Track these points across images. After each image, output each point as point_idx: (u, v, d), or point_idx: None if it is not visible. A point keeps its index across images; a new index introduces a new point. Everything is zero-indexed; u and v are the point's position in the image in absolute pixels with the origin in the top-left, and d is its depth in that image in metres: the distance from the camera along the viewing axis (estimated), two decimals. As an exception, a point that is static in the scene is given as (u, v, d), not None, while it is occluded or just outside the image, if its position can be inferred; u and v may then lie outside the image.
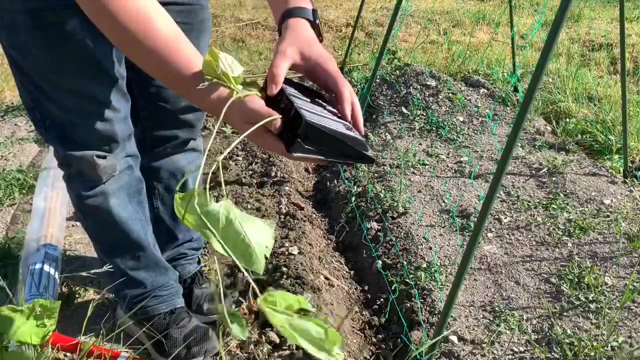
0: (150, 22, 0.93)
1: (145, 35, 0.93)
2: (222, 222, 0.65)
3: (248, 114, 0.89)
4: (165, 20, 0.95)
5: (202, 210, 0.65)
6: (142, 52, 0.95)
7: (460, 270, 1.39)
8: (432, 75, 3.70)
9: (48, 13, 1.12)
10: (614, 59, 4.47)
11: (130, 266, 1.52)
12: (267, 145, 0.93)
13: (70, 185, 1.41)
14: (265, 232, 0.67)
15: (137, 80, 1.42)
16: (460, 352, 1.61)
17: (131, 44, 0.95)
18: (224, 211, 0.66)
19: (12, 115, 3.36)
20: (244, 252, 0.65)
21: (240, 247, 0.65)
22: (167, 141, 1.57)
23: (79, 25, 1.15)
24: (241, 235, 0.65)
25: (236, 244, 0.65)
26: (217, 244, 0.64)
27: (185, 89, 0.96)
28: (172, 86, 0.99)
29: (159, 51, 0.93)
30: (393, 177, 2.61)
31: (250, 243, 0.65)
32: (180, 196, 0.68)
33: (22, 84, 1.26)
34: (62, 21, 1.13)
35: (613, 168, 2.71)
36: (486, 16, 5.81)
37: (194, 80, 0.92)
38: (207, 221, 0.65)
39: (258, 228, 0.67)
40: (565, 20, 1.18)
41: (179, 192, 0.71)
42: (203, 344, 1.57)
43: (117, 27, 0.93)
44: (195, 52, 0.95)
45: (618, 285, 1.86)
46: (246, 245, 0.65)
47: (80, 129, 1.29)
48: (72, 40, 1.16)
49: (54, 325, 1.26)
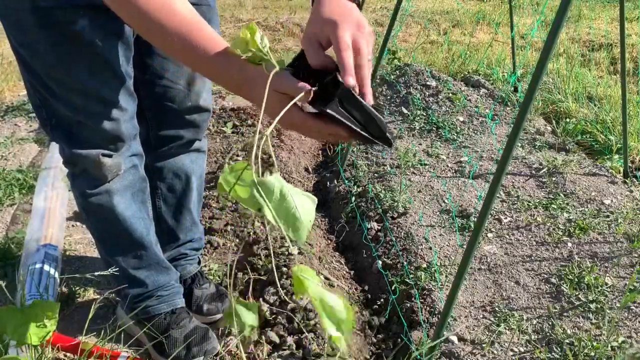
0: (170, 4, 0.94)
1: (168, 18, 0.94)
2: (276, 195, 0.70)
3: (282, 83, 0.88)
4: (184, 3, 0.96)
5: (259, 181, 0.69)
6: (165, 36, 0.95)
7: (460, 270, 1.39)
8: (432, 75, 3.70)
9: (57, 12, 1.12)
10: (614, 59, 4.47)
11: (132, 265, 1.52)
12: (295, 120, 0.91)
13: (75, 184, 1.41)
14: (310, 205, 0.72)
15: (143, 79, 1.42)
16: (460, 352, 1.61)
17: (153, 28, 0.95)
18: (278, 184, 0.70)
19: (12, 115, 3.36)
20: (293, 224, 0.70)
21: (291, 219, 0.70)
22: (172, 141, 1.57)
23: (88, 24, 1.15)
24: (292, 209, 0.70)
25: (287, 217, 0.70)
26: (270, 215, 0.69)
27: (211, 69, 0.96)
28: (197, 67, 1.00)
29: (183, 34, 0.93)
30: (393, 177, 2.61)
31: (299, 216, 0.70)
32: (230, 167, 0.73)
33: (30, 82, 1.26)
34: (71, 20, 1.13)
35: (613, 168, 2.71)
36: (486, 16, 5.82)
37: (219, 60, 0.92)
38: (262, 192, 0.69)
39: (304, 202, 0.72)
40: (565, 20, 1.18)
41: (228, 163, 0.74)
42: (203, 344, 1.57)
43: (138, 12, 0.94)
44: (216, 33, 0.95)
45: (618, 286, 1.86)
46: (295, 218, 0.70)
47: (87, 128, 1.29)
48: (81, 39, 1.16)
49: (54, 326, 1.26)
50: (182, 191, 1.67)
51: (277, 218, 0.69)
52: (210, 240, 2.16)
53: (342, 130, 0.91)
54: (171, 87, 1.45)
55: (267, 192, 0.69)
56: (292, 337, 1.64)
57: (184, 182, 1.66)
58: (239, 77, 0.93)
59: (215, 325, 1.74)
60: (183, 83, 1.46)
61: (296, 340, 1.63)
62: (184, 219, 1.71)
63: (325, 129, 0.92)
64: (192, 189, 1.68)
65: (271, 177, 0.70)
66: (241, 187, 0.72)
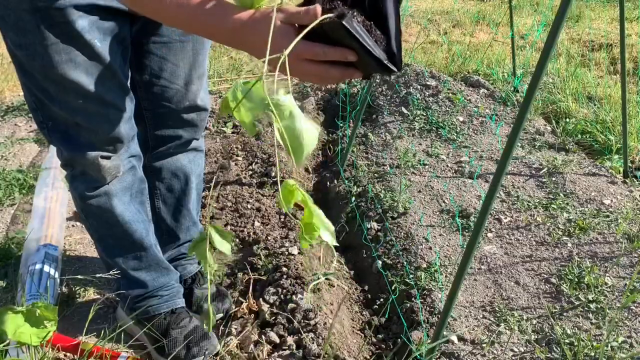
0: None
1: None
2: (285, 114, 0.70)
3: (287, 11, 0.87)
4: None
5: (272, 98, 0.69)
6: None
7: (460, 271, 1.39)
8: (432, 75, 3.70)
9: (56, 12, 1.12)
10: (614, 59, 4.47)
11: (132, 266, 1.53)
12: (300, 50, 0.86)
13: (73, 186, 1.41)
14: (314, 133, 0.72)
15: (141, 80, 1.42)
16: (460, 352, 1.62)
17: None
18: (289, 104, 0.70)
19: (12, 115, 3.36)
20: (296, 148, 0.71)
21: (295, 142, 0.71)
22: (170, 141, 1.57)
23: (87, 25, 1.15)
24: (298, 131, 0.70)
25: (292, 138, 0.71)
26: (277, 132, 0.70)
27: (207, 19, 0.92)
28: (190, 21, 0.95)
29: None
30: (393, 177, 2.61)
31: (302, 140, 0.71)
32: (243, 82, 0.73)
33: (26, 85, 1.26)
34: (70, 21, 1.13)
35: (613, 168, 2.71)
36: (486, 16, 5.82)
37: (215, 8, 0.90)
38: (274, 109, 0.69)
39: (309, 128, 0.72)
40: (565, 20, 1.18)
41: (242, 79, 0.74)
42: (203, 344, 1.57)
43: None
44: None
45: (618, 286, 1.87)
46: (299, 140, 0.71)
47: (85, 129, 1.29)
48: (80, 40, 1.16)
49: (54, 326, 1.26)
50: (181, 191, 1.67)
51: (284, 137, 0.70)
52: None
53: (350, 54, 0.88)
54: (168, 87, 1.45)
55: (278, 110, 0.69)
56: (292, 337, 1.64)
57: (182, 182, 1.66)
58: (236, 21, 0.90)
59: (215, 325, 1.74)
60: (180, 83, 1.46)
61: (296, 340, 1.63)
62: (184, 219, 1.72)
63: (333, 52, 0.88)
64: (191, 189, 1.68)
65: (284, 96, 0.70)
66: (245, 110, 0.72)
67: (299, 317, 1.70)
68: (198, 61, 1.47)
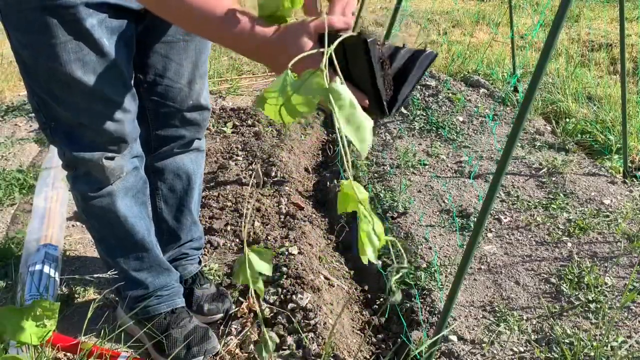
0: None
1: None
2: (345, 103, 0.68)
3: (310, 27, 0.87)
4: None
5: (330, 87, 0.68)
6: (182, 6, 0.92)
7: (460, 270, 1.39)
8: (432, 75, 3.71)
9: (65, 10, 1.11)
10: (614, 59, 4.47)
11: (133, 267, 1.52)
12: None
13: (75, 186, 1.40)
14: (370, 122, 0.70)
15: (144, 80, 1.42)
16: (460, 351, 1.62)
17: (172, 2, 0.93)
18: (348, 94, 0.68)
19: (12, 115, 3.36)
20: (361, 137, 0.69)
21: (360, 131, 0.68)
22: (173, 140, 1.57)
23: (96, 23, 1.14)
24: (361, 120, 0.68)
25: (357, 127, 0.68)
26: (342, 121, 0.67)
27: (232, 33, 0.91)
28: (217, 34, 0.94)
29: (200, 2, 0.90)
30: (393, 177, 2.61)
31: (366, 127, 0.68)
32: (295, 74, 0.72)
33: (30, 85, 1.25)
34: (80, 19, 1.12)
35: (613, 168, 2.71)
36: (486, 16, 5.82)
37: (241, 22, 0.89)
38: (332, 99, 0.67)
39: (368, 118, 0.70)
40: (565, 20, 1.18)
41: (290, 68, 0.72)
42: (203, 344, 1.57)
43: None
44: None
45: (618, 285, 1.87)
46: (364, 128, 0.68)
47: (89, 130, 1.28)
48: (90, 38, 1.15)
49: (54, 326, 1.26)
50: (184, 191, 1.67)
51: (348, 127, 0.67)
52: (210, 240, 2.16)
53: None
54: (173, 87, 1.45)
55: (337, 99, 0.68)
56: (292, 337, 1.65)
57: (185, 182, 1.66)
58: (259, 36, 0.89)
59: (215, 324, 1.74)
60: (184, 82, 1.46)
61: (296, 340, 1.63)
62: (185, 219, 1.72)
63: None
64: (194, 189, 1.68)
65: (341, 86, 0.68)
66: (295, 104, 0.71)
67: (299, 317, 1.70)
68: (201, 60, 1.47)
